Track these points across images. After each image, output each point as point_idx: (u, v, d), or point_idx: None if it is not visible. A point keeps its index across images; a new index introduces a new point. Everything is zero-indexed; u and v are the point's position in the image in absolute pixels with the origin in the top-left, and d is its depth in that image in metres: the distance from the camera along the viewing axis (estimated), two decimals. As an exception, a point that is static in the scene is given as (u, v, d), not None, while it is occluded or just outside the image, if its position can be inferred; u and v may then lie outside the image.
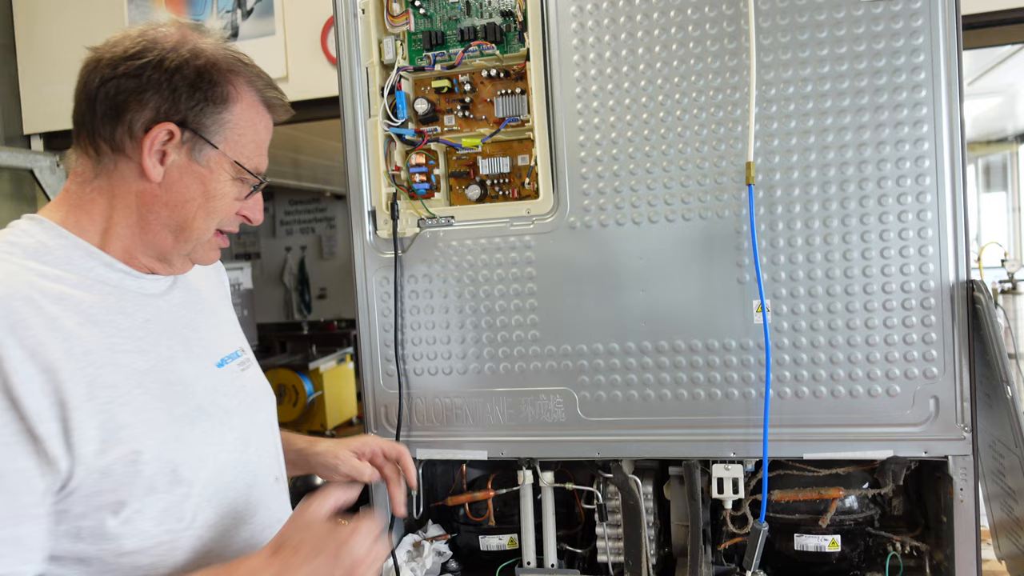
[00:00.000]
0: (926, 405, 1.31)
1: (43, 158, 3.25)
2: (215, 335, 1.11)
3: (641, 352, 1.42)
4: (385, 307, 1.55)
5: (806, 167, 1.34)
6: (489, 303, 1.49)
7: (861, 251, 1.32)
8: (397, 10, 1.51)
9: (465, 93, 1.51)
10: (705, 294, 1.39)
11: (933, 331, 1.31)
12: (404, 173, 1.53)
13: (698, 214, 1.39)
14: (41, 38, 3.25)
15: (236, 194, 1.02)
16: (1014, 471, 1.27)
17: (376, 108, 1.51)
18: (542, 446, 1.48)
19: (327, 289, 7.20)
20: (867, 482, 1.44)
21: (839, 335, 1.34)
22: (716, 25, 1.36)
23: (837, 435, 1.35)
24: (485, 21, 1.48)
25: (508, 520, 1.59)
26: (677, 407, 1.41)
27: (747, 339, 1.37)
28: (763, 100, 1.34)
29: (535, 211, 1.46)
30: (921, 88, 1.29)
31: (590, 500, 1.54)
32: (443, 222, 1.51)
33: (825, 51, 1.32)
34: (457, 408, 1.52)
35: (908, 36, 1.29)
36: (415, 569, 1.53)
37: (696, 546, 1.44)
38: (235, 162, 1.00)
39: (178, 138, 0.95)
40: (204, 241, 1.03)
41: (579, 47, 1.42)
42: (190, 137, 0.96)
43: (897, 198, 1.31)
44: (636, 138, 1.40)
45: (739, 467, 1.40)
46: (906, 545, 1.48)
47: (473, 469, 1.63)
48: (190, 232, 1.00)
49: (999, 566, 1.51)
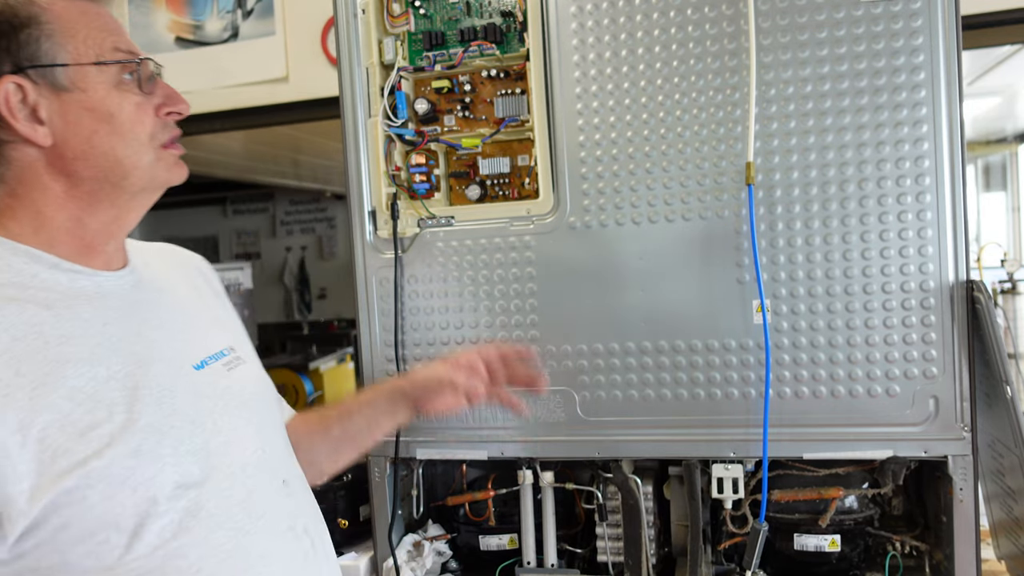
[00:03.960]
0: (926, 405, 1.31)
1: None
2: (193, 335, 1.02)
3: (641, 352, 1.42)
4: (385, 307, 1.55)
5: (806, 167, 1.34)
6: (489, 303, 1.50)
7: (861, 251, 1.32)
8: (397, 10, 1.51)
9: (465, 93, 1.51)
10: (705, 294, 1.39)
11: (933, 331, 1.31)
12: (404, 173, 1.54)
13: (698, 214, 1.39)
14: (41, 38, 3.25)
15: (128, 95, 0.89)
16: (1014, 471, 1.27)
17: (376, 108, 1.51)
18: (542, 446, 1.48)
19: (327, 289, 7.20)
20: (867, 482, 1.44)
21: (839, 335, 1.34)
22: (716, 25, 1.36)
23: (837, 435, 1.35)
24: (485, 21, 1.48)
25: (508, 520, 1.59)
26: (677, 407, 1.42)
27: (747, 339, 1.37)
28: (763, 100, 1.34)
29: (535, 211, 1.46)
30: (921, 88, 1.29)
31: (590, 500, 1.54)
32: (443, 222, 1.51)
33: (825, 51, 1.32)
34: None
35: (908, 36, 1.29)
36: (415, 569, 1.53)
37: (696, 546, 1.44)
38: (96, 62, 0.86)
39: (28, 85, 0.84)
40: (149, 163, 0.91)
41: (579, 47, 1.42)
42: (38, 75, 0.84)
43: (897, 198, 1.31)
44: (636, 138, 1.41)
45: (739, 467, 1.40)
46: (906, 545, 1.48)
47: (473, 469, 1.63)
48: (125, 166, 0.89)
49: (999, 566, 1.51)
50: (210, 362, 1.00)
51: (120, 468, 0.82)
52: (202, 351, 1.00)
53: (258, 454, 0.99)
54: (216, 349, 1.03)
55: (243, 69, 2.74)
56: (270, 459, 1.02)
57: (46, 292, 0.87)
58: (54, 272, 0.89)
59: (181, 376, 0.94)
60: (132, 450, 0.83)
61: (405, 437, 1.54)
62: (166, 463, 0.86)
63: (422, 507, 1.61)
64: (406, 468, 1.57)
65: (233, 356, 1.05)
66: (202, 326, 1.06)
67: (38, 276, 0.87)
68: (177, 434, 0.89)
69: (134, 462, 0.83)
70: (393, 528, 1.55)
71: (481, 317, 1.50)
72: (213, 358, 1.01)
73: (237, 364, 1.05)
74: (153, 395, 0.88)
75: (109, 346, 0.88)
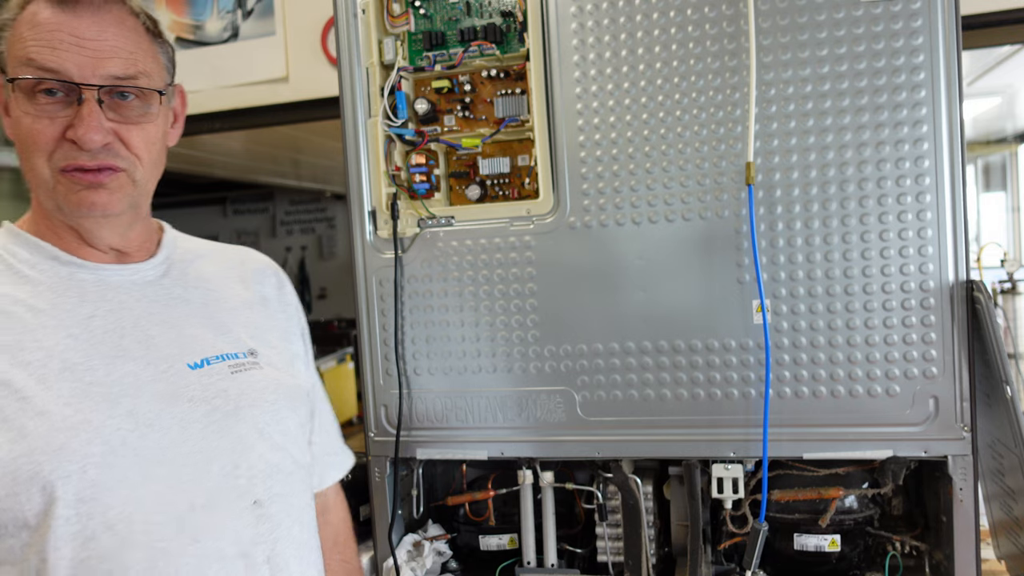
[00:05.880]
0: (926, 405, 1.31)
1: (43, 158, 3.24)
2: (205, 333, 1.00)
3: (641, 352, 1.42)
4: (385, 307, 1.55)
5: (806, 167, 1.34)
6: (489, 303, 1.50)
7: (861, 251, 1.32)
8: (397, 10, 1.51)
9: (465, 93, 1.51)
10: (705, 294, 1.39)
11: (933, 331, 1.31)
12: (404, 173, 1.54)
13: (698, 214, 1.39)
14: (41, 38, 3.25)
15: (28, 113, 0.87)
16: (1014, 471, 1.27)
17: (376, 108, 1.52)
18: (542, 446, 1.48)
19: (327, 289, 7.20)
20: (867, 482, 1.44)
21: (839, 335, 1.34)
22: (716, 25, 1.36)
23: (837, 435, 1.35)
24: (485, 21, 1.48)
25: (508, 520, 1.59)
26: (677, 407, 1.42)
27: (747, 339, 1.37)
28: (763, 100, 1.34)
29: (535, 211, 1.46)
30: (921, 88, 1.29)
31: (590, 500, 1.54)
32: (443, 222, 1.51)
33: (825, 51, 1.32)
34: (457, 408, 1.52)
35: (908, 36, 1.29)
36: (415, 569, 1.53)
37: (696, 546, 1.44)
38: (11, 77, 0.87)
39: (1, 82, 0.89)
40: (48, 183, 0.89)
41: (579, 47, 1.42)
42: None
43: (897, 198, 1.31)
44: (636, 138, 1.41)
45: (739, 467, 1.40)
46: (906, 545, 1.48)
47: (473, 469, 1.63)
48: (31, 180, 0.90)
49: (999, 566, 1.51)
50: (213, 362, 0.98)
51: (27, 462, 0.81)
52: (209, 350, 0.98)
53: (227, 468, 0.94)
54: (228, 350, 1.00)
55: (243, 69, 2.75)
56: (243, 475, 0.95)
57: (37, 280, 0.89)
58: (53, 263, 0.91)
59: (163, 375, 0.92)
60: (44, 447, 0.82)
61: (405, 437, 1.54)
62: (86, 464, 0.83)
63: (422, 507, 1.61)
64: (406, 468, 1.57)
65: (248, 360, 1.02)
66: (225, 326, 1.03)
67: (38, 265, 0.90)
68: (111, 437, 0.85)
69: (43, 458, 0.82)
70: (393, 528, 1.55)
71: (481, 317, 1.50)
72: (219, 358, 0.99)
73: (247, 368, 1.01)
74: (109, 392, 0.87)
75: (86, 337, 0.88)
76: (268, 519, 0.96)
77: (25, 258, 0.92)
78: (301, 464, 1.06)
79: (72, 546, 0.82)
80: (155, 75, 0.94)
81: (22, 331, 0.86)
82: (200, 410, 0.93)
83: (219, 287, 1.07)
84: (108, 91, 0.89)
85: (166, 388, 0.92)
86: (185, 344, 0.97)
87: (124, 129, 0.91)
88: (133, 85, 0.91)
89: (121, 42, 0.90)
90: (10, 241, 0.94)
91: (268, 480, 0.98)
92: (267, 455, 0.99)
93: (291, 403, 1.06)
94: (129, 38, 0.91)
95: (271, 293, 1.17)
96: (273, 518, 0.97)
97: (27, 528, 0.81)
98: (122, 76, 0.90)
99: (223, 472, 0.93)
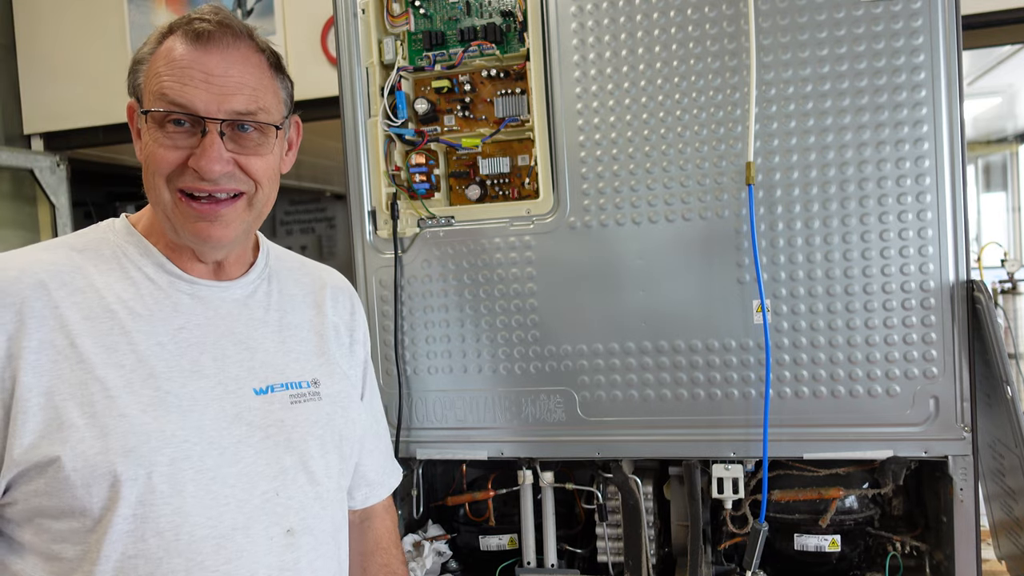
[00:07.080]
0: (926, 405, 1.31)
1: (43, 158, 3.25)
2: (275, 359, 1.03)
3: (641, 352, 1.42)
4: (385, 307, 1.55)
5: (806, 167, 1.34)
6: (489, 303, 1.50)
7: (861, 251, 1.32)
8: (397, 10, 1.51)
9: (465, 93, 1.51)
10: (705, 294, 1.39)
11: (933, 331, 1.31)
12: (404, 173, 1.54)
13: (698, 214, 1.39)
14: (41, 38, 3.25)
15: (157, 140, 0.94)
16: (1014, 471, 1.27)
17: (376, 108, 1.51)
18: (542, 446, 1.48)
19: (327, 289, 7.18)
20: (867, 482, 1.44)
21: (839, 335, 1.34)
22: (716, 25, 1.36)
23: (837, 435, 1.35)
24: (485, 21, 1.48)
25: (508, 520, 1.59)
26: (677, 407, 1.41)
27: (747, 339, 1.37)
28: (763, 100, 1.34)
29: (535, 211, 1.46)
30: (921, 88, 1.29)
31: (590, 500, 1.54)
32: (443, 222, 1.51)
33: (825, 51, 1.32)
34: (457, 408, 1.52)
35: (908, 36, 1.29)
36: (415, 569, 1.53)
37: (696, 546, 1.44)
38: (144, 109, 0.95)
39: (137, 111, 0.97)
40: (167, 203, 0.96)
41: (579, 47, 1.42)
42: (136, 104, 0.97)
43: (897, 198, 1.31)
44: (636, 138, 1.41)
45: (739, 467, 1.40)
46: (906, 545, 1.48)
47: (473, 469, 1.63)
48: (151, 197, 0.97)
49: (999, 566, 1.51)
50: (277, 390, 1.02)
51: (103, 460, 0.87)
52: (275, 377, 1.02)
53: (268, 495, 0.98)
54: (293, 379, 1.04)
55: (243, 69, 2.74)
56: (282, 504, 0.99)
57: (144, 284, 0.96)
58: (158, 270, 0.98)
59: (230, 395, 0.97)
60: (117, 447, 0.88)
61: (405, 437, 1.54)
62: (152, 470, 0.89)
63: (422, 507, 1.61)
64: (406, 468, 1.57)
65: (310, 391, 1.05)
66: (294, 353, 1.06)
67: (145, 268, 0.97)
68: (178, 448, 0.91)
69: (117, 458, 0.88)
70: (393, 528, 1.55)
71: (481, 317, 1.50)
72: (284, 387, 1.03)
73: (307, 400, 1.05)
74: (181, 404, 0.93)
75: (172, 348, 0.95)
76: (296, 548, 1.00)
77: (135, 258, 0.98)
78: (335, 499, 1.09)
79: (124, 543, 0.88)
80: (273, 110, 1.01)
81: (120, 333, 0.92)
82: (256, 436, 0.98)
83: (295, 310, 1.11)
84: (230, 124, 0.95)
85: (231, 409, 0.97)
86: (255, 368, 1.01)
87: (243, 158, 0.97)
88: (253, 120, 0.97)
89: (246, 78, 0.96)
90: (123, 237, 1.00)
91: (302, 512, 1.01)
92: (306, 487, 1.02)
93: (338, 442, 1.09)
94: (253, 74, 0.97)
95: (343, 320, 1.19)
96: (300, 548, 1.01)
97: (90, 517, 0.88)
98: (243, 111, 0.95)
99: (264, 498, 0.97)
